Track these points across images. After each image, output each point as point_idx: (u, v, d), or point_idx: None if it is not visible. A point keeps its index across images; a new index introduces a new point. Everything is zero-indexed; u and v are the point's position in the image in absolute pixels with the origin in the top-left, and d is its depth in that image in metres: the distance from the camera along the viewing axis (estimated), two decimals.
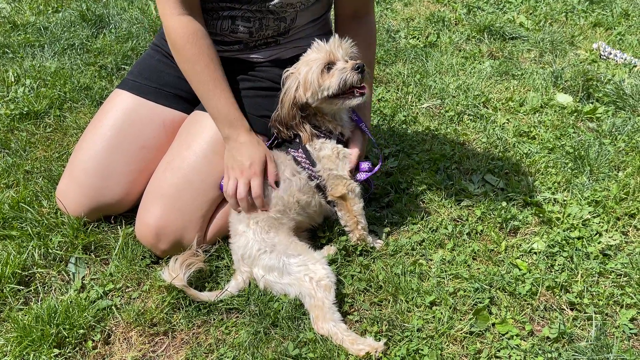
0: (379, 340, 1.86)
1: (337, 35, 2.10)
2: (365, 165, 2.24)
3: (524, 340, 1.91)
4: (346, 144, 2.25)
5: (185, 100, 2.41)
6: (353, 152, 2.20)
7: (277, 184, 2.14)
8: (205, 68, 2.09)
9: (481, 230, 2.40)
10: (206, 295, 2.03)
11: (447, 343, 1.90)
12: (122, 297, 2.10)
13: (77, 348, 1.90)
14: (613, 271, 2.17)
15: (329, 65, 2.06)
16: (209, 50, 2.10)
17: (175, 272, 1.97)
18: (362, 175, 2.23)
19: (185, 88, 2.41)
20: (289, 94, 2.10)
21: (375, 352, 1.82)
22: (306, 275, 1.96)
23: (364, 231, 2.25)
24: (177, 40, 2.08)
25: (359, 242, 2.25)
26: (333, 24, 2.49)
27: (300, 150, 2.17)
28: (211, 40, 2.12)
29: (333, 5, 2.42)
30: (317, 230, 2.38)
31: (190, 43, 2.06)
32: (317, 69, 2.05)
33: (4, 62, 3.79)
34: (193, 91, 2.39)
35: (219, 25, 2.24)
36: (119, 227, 2.35)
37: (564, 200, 2.54)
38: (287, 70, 2.14)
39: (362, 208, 2.23)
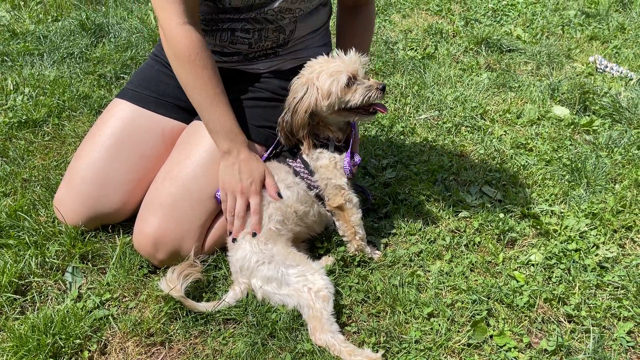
0: (377, 352, 1.85)
1: (354, 50, 2.12)
2: (354, 158, 2.22)
3: (522, 352, 1.91)
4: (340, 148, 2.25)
5: (185, 110, 2.42)
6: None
7: (278, 195, 2.14)
8: (208, 81, 2.08)
9: (479, 242, 2.40)
10: (203, 306, 2.02)
11: (444, 355, 1.90)
12: (119, 307, 2.09)
13: (74, 358, 1.89)
14: (610, 284, 2.18)
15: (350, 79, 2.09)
16: (211, 63, 2.08)
17: (172, 283, 1.96)
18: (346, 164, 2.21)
19: (184, 98, 2.40)
20: (307, 101, 2.09)
21: None
22: (305, 285, 1.95)
23: (362, 242, 2.25)
24: (182, 52, 2.04)
25: (357, 252, 2.25)
26: (334, 25, 2.52)
27: (298, 160, 2.18)
28: (211, 52, 2.11)
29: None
30: (315, 240, 2.38)
31: (194, 55, 2.03)
32: (343, 81, 2.06)
33: (3, 70, 3.80)
34: None
35: (218, 37, 2.25)
36: (116, 236, 2.34)
37: (561, 212, 2.55)
38: (300, 77, 2.14)
39: (360, 219, 2.23)
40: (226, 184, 2.14)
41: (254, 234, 2.08)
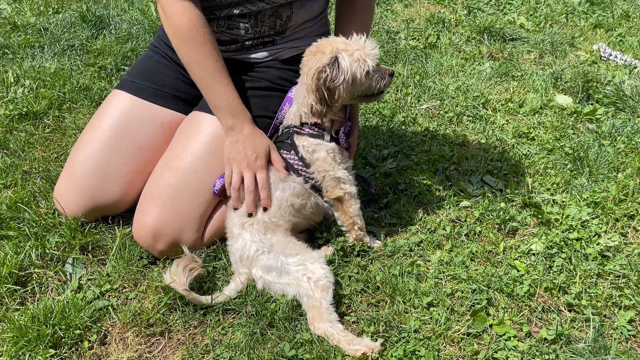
0: (376, 341, 1.85)
1: (369, 38, 2.10)
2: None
3: (522, 341, 1.91)
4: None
5: (184, 101, 2.41)
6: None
7: (286, 169, 2.16)
8: (210, 56, 2.10)
9: (479, 232, 2.39)
10: (206, 299, 2.02)
11: (444, 344, 1.89)
12: (119, 297, 2.09)
13: (73, 348, 1.90)
14: (611, 272, 2.16)
15: None
16: (212, 39, 2.10)
17: (177, 276, 1.95)
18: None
19: (183, 89, 2.41)
20: (341, 77, 2.03)
21: (372, 352, 1.81)
22: (304, 274, 1.95)
23: (361, 232, 2.24)
24: (182, 29, 2.06)
25: (356, 242, 2.25)
26: (332, 22, 2.49)
27: (292, 152, 2.16)
28: (210, 29, 2.11)
29: None
30: (315, 231, 2.37)
31: (195, 31, 2.06)
32: (371, 66, 2.06)
33: (4, 62, 3.80)
34: (191, 92, 2.39)
35: (215, 24, 2.23)
36: (116, 227, 2.35)
37: (563, 202, 2.54)
38: (316, 53, 2.07)
39: (359, 209, 2.21)
40: (232, 160, 2.15)
41: (265, 209, 2.11)
